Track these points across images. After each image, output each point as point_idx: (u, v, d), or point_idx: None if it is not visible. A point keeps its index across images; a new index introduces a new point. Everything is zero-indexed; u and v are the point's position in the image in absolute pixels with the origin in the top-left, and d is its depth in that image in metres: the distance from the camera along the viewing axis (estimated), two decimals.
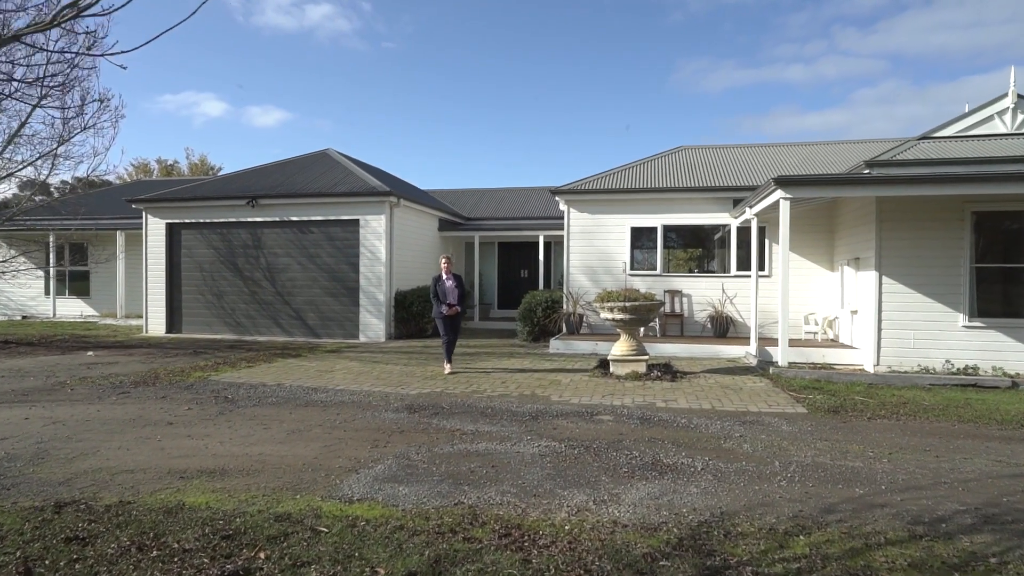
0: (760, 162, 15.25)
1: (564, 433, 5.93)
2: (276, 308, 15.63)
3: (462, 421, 6.39)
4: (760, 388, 8.33)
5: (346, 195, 14.84)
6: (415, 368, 9.98)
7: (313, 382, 8.64)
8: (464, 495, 4.22)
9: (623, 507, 4.02)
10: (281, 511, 3.86)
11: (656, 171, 15.10)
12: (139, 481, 4.45)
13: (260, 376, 9.09)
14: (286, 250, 15.58)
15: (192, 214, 16.13)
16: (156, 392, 7.82)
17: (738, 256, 13.51)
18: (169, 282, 16.33)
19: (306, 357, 11.34)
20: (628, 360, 9.28)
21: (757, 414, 6.80)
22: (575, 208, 14.30)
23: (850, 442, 5.64)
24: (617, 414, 6.78)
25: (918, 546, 3.40)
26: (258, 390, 8.01)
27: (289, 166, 17.82)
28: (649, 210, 13.93)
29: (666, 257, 14.05)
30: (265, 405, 7.13)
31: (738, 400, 7.55)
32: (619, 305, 9.06)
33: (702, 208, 13.70)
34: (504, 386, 8.43)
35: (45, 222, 19.83)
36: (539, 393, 7.95)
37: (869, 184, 9.13)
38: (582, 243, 14.23)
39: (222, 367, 9.85)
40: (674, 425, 6.28)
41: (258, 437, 5.72)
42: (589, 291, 13.98)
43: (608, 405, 7.24)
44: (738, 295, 13.44)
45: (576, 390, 8.16)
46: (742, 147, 17.14)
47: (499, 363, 10.63)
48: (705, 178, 14.15)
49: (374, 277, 14.84)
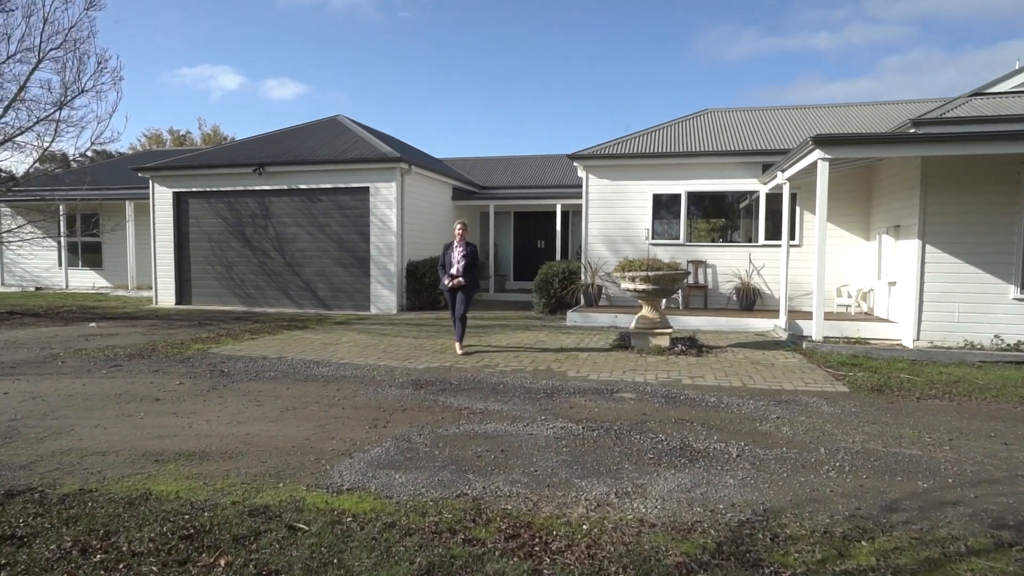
0: (791, 125, 14.39)
1: (582, 413, 5.40)
2: (285, 279, 15.22)
3: (471, 398, 5.89)
4: (794, 364, 7.72)
5: (355, 162, 14.27)
6: (425, 341, 9.49)
7: (316, 355, 8.19)
8: (468, 484, 3.72)
9: (650, 501, 3.49)
10: (258, 503, 3.39)
11: (680, 135, 14.31)
12: (109, 465, 4.01)
13: (262, 349, 8.66)
14: (295, 219, 15.11)
15: (199, 182, 15.68)
16: (150, 365, 7.42)
17: (766, 225, 12.78)
18: (178, 253, 15.97)
19: (313, 329, 10.91)
20: (650, 333, 8.70)
21: (793, 392, 6.21)
22: (594, 174, 13.61)
23: (902, 425, 5.05)
24: (640, 392, 6.24)
25: (1008, 558, 2.84)
26: (257, 363, 7.58)
27: (298, 133, 17.27)
28: (672, 176, 13.21)
29: (690, 226, 13.36)
30: (262, 380, 6.68)
31: (771, 377, 6.96)
32: (641, 275, 8.46)
33: (729, 174, 12.95)
34: (518, 360, 7.92)
35: (54, 192, 19.57)
36: (555, 368, 7.43)
37: (917, 143, 8.36)
38: (601, 211, 13.57)
39: (224, 339, 9.44)
40: (703, 404, 5.73)
41: (249, 415, 5.26)
42: (608, 261, 13.37)
43: (629, 382, 6.70)
44: (766, 266, 12.74)
45: (595, 365, 7.62)
46: (772, 109, 16.23)
47: (513, 336, 10.11)
48: (732, 142, 13.36)
49: (385, 247, 14.33)
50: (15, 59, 13.11)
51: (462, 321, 8.49)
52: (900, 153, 8.62)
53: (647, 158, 13.14)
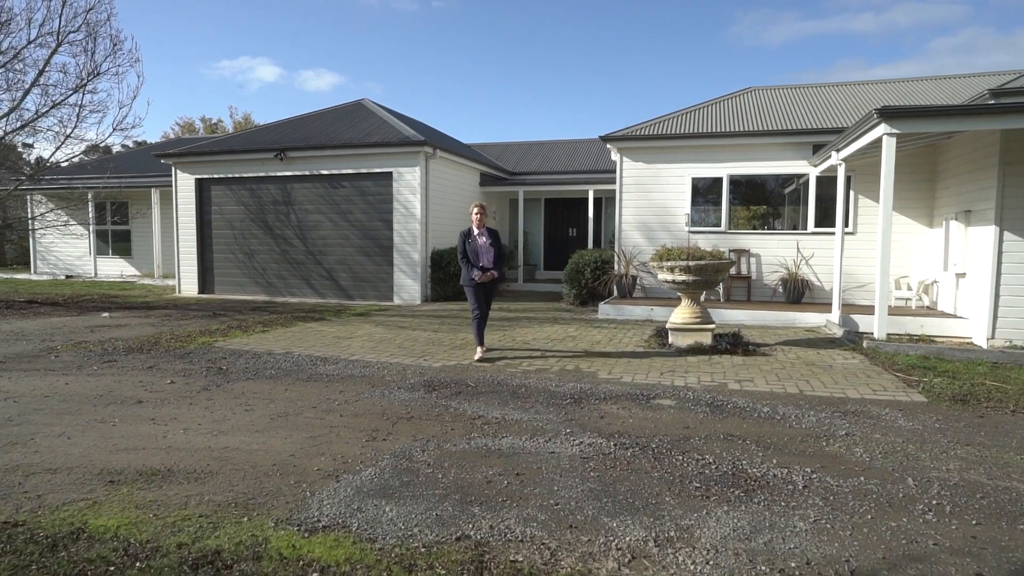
0: (844, 102, 13.26)
1: (614, 424, 4.66)
2: (307, 268, 14.74)
3: (487, 405, 5.19)
4: (855, 366, 6.83)
5: (377, 145, 13.66)
6: (444, 336, 8.83)
7: (326, 351, 7.59)
8: (472, 522, 3.02)
9: (698, 553, 2.74)
10: (210, 546, 2.75)
11: (721, 114, 13.32)
12: (55, 487, 3.42)
13: (270, 343, 8.11)
14: (316, 206, 14.59)
15: (221, 168, 15.27)
16: (146, 361, 6.90)
17: (816, 210, 11.76)
18: (200, 241, 15.62)
19: (329, 321, 10.35)
20: (691, 329, 7.88)
21: (860, 402, 5.36)
22: (629, 157, 12.73)
23: (1004, 448, 4.18)
24: (680, 398, 5.46)
25: None
26: (260, 360, 7.00)
27: (322, 117, 16.73)
28: (714, 158, 12.26)
29: (732, 212, 12.41)
30: (261, 379, 6.09)
31: (831, 382, 6.10)
32: (681, 265, 7.64)
33: (776, 155, 11.95)
34: (543, 359, 7.20)
35: (76, 180, 19.48)
36: (584, 368, 6.68)
37: (1001, 115, 7.32)
38: (636, 196, 12.70)
39: (233, 331, 8.93)
40: (755, 415, 4.93)
41: (234, 423, 4.65)
42: (644, 250, 12.52)
43: (668, 386, 5.92)
44: (815, 255, 11.74)
45: (629, 365, 6.85)
46: (821, 86, 15.07)
47: (540, 330, 9.38)
48: (779, 121, 12.32)
49: (408, 235, 13.71)
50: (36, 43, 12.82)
51: (484, 320, 7.50)
52: (979, 126, 7.59)
53: (686, 139, 12.21)
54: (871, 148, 8.75)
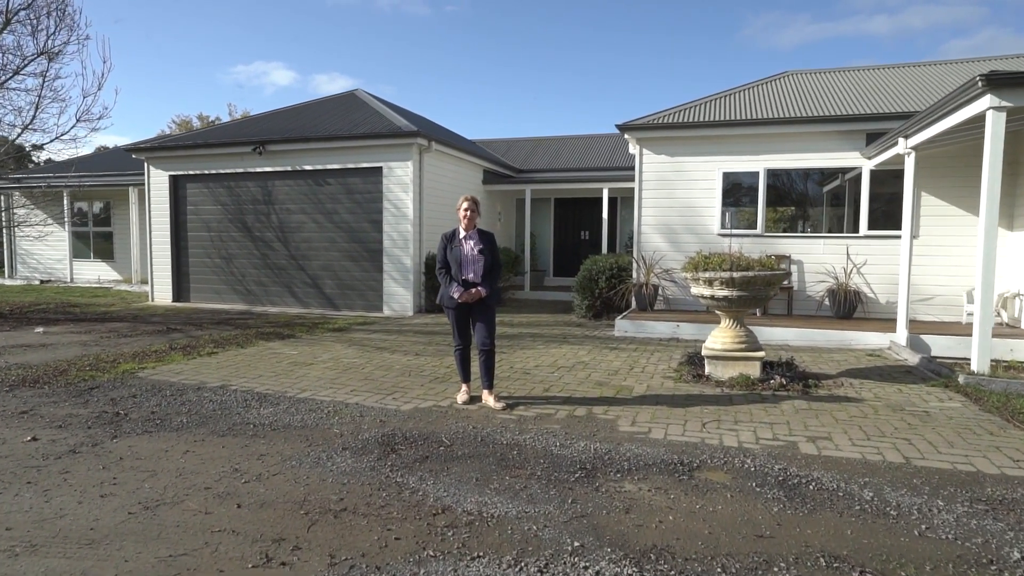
0: (901, 86, 11.52)
1: (646, 528, 3.04)
2: (290, 274, 13.22)
3: (460, 483, 3.58)
4: (961, 414, 5.14)
5: (365, 137, 12.12)
6: (426, 361, 7.23)
7: (272, 383, 6.02)
8: None
9: None
10: None
11: (755, 101, 11.64)
12: None
13: (209, 371, 6.54)
14: (300, 206, 13.07)
15: (197, 164, 13.81)
16: (27, 400, 5.33)
17: (871, 210, 10.06)
18: (175, 244, 14.16)
19: (297, 339, 8.79)
20: (734, 357, 6.23)
21: (1004, 481, 3.69)
22: (650, 149, 11.09)
23: None
24: (737, 471, 3.83)
25: None
26: (181, 398, 5.43)
27: (310, 108, 15.23)
28: (748, 150, 10.60)
29: (769, 212, 10.74)
30: (163, 431, 4.52)
31: (941, 441, 4.43)
32: (723, 277, 5.99)
33: (822, 146, 10.26)
34: (547, 398, 5.58)
35: (59, 179, 18.13)
36: (599, 415, 5.06)
37: None
38: (658, 194, 11.06)
39: (173, 355, 7.37)
40: (856, 508, 3.29)
41: (68, 522, 3.07)
42: (666, 255, 10.88)
43: (716, 447, 4.28)
44: (867, 262, 10.05)
45: (658, 409, 5.22)
46: (872, 69, 13.31)
47: (545, 353, 7.77)
48: (825, 107, 10.63)
49: (400, 237, 12.16)
50: None
51: (487, 355, 5.29)
52: None
53: (717, 127, 10.55)
54: (960, 131, 7.07)
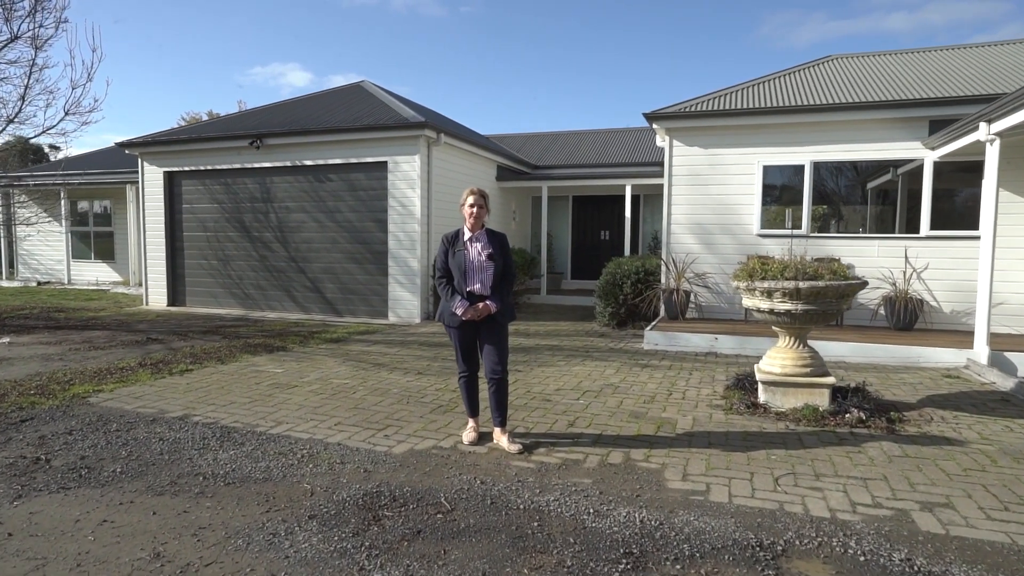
0: (967, 68, 10.32)
1: None
2: (289, 277, 12.31)
3: None
4: None
5: (369, 129, 11.16)
6: (429, 382, 6.23)
7: (243, 414, 5.05)
8: None
9: None
10: None
11: (797, 87, 10.52)
12: None
13: (173, 396, 5.59)
14: (300, 203, 12.16)
15: (192, 159, 12.95)
16: None
17: (934, 207, 8.93)
18: (170, 244, 13.31)
19: (289, 351, 7.85)
20: (797, 384, 5.17)
21: None
22: (681, 140, 10.02)
23: None
24: (839, 560, 2.79)
25: None
26: (128, 435, 4.47)
27: (313, 101, 14.32)
28: (791, 140, 9.50)
29: (817, 210, 9.64)
30: (89, 484, 3.56)
31: None
32: (786, 287, 4.94)
33: (876, 135, 9.14)
34: (573, 435, 4.56)
35: (55, 178, 17.42)
36: (640, 462, 4.03)
37: None
38: (690, 190, 9.98)
39: (139, 372, 6.43)
40: None
41: None
42: (699, 257, 9.81)
43: (802, 517, 3.24)
44: (929, 265, 8.92)
45: (711, 453, 4.18)
46: (926, 51, 12.08)
47: (568, 371, 6.75)
48: (880, 92, 9.50)
49: (406, 238, 11.19)
50: None
51: (497, 384, 4.26)
52: None
53: (757, 115, 9.45)
54: None
